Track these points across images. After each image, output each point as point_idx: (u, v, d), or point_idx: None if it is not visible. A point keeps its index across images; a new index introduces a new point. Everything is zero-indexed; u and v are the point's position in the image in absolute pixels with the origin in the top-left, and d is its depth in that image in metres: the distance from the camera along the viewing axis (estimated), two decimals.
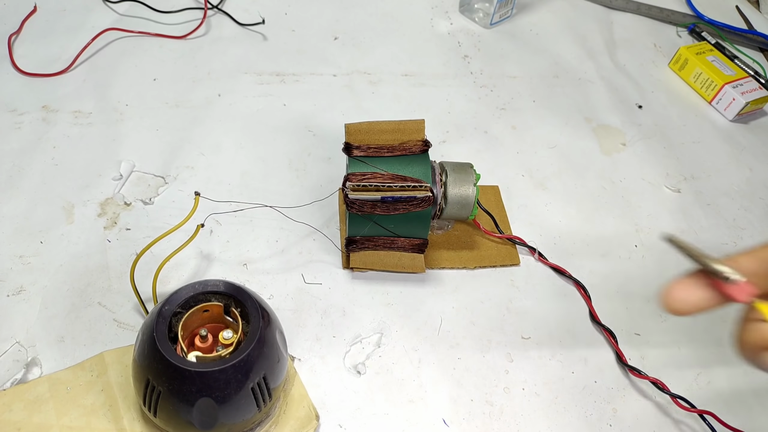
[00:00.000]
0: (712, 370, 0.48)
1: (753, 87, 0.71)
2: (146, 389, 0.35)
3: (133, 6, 0.72)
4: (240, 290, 0.38)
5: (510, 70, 0.73)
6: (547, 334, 0.49)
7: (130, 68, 0.65)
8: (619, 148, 0.65)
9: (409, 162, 0.46)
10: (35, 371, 0.42)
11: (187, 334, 0.38)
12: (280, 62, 0.68)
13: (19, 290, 0.46)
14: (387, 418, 0.43)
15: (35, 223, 0.50)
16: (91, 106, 0.60)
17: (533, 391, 0.45)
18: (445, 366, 0.46)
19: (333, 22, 0.75)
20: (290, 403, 0.42)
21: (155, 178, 0.55)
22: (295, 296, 0.48)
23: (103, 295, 0.46)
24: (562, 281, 0.52)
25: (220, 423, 0.35)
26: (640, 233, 0.57)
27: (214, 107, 0.62)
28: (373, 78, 0.69)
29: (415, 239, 0.49)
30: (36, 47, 0.66)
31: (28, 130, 0.57)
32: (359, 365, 0.45)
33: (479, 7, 0.77)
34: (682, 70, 0.76)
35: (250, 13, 0.74)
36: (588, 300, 0.51)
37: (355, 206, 0.45)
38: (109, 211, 0.52)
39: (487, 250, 0.53)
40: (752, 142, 0.69)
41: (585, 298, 0.51)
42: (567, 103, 0.70)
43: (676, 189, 0.62)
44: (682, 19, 0.85)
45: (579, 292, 0.51)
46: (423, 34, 0.76)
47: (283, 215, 0.52)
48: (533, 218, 0.57)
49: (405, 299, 0.49)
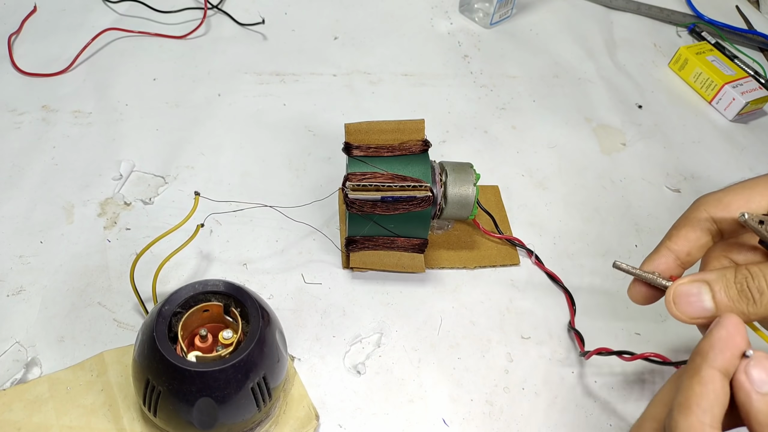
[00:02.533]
0: None
1: (753, 87, 0.71)
2: (146, 389, 0.35)
3: (133, 6, 0.72)
4: (240, 290, 0.38)
5: (510, 70, 0.73)
6: (547, 334, 0.49)
7: (130, 68, 0.65)
8: (619, 148, 0.65)
9: (409, 162, 0.46)
10: (35, 371, 0.42)
11: (187, 334, 0.38)
12: (280, 62, 0.68)
13: (19, 290, 0.46)
14: (387, 418, 0.43)
15: (35, 223, 0.50)
16: (91, 106, 0.60)
17: (533, 391, 0.45)
18: (445, 366, 0.46)
19: (333, 22, 0.75)
20: (290, 403, 0.42)
21: (155, 178, 0.55)
22: (295, 296, 0.48)
23: (103, 295, 0.46)
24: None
25: (220, 423, 0.35)
26: (640, 233, 0.57)
27: (214, 107, 0.62)
28: (373, 78, 0.69)
29: (415, 239, 0.49)
30: (36, 47, 0.66)
31: (28, 130, 0.57)
32: (359, 365, 0.45)
33: (479, 7, 0.77)
34: (682, 70, 0.76)
35: (250, 13, 0.74)
36: (572, 310, 0.50)
37: (355, 206, 0.45)
38: (109, 211, 0.52)
39: (487, 250, 0.53)
40: (752, 141, 0.69)
41: (569, 306, 0.50)
42: (567, 103, 0.70)
43: (676, 189, 0.62)
44: (682, 19, 0.85)
45: (566, 300, 0.51)
46: (423, 34, 0.76)
47: (283, 215, 0.52)
48: (533, 218, 0.57)
49: (405, 299, 0.49)
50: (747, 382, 0.27)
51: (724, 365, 0.28)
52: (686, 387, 0.28)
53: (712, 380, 0.27)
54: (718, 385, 0.27)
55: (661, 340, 0.50)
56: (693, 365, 0.28)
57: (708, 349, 0.28)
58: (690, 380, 0.28)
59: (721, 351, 0.28)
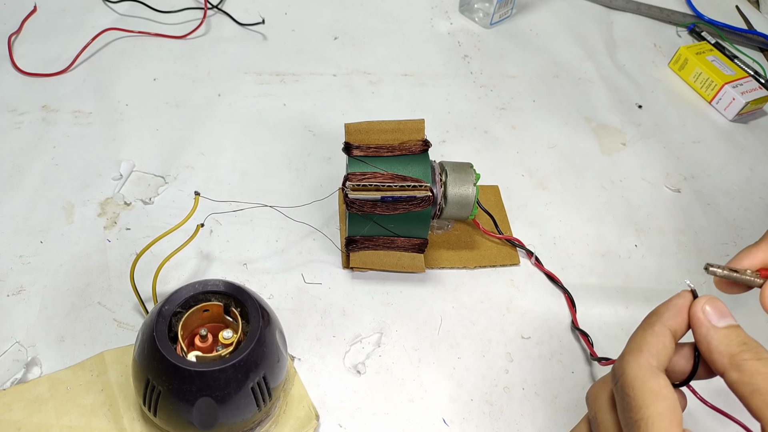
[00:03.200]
0: None
1: (753, 87, 0.71)
2: (146, 389, 0.35)
3: (133, 6, 0.72)
4: (240, 290, 0.38)
5: (510, 70, 0.73)
6: (547, 334, 0.49)
7: (130, 68, 0.65)
8: (619, 148, 0.65)
9: (409, 162, 0.46)
10: (35, 371, 0.42)
11: (187, 333, 0.38)
12: (280, 62, 0.69)
13: (19, 290, 0.46)
14: (387, 417, 0.43)
15: (35, 223, 0.50)
16: (91, 106, 0.60)
17: (533, 391, 0.45)
18: (445, 366, 0.46)
19: (333, 22, 0.75)
20: (290, 403, 0.42)
21: (155, 177, 0.55)
22: (295, 296, 0.48)
23: (103, 294, 0.46)
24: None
25: (220, 423, 0.35)
26: (640, 233, 0.57)
27: (214, 107, 0.62)
28: (373, 78, 0.69)
29: (414, 239, 0.49)
30: (36, 47, 0.66)
31: (28, 130, 0.57)
32: (359, 365, 0.45)
33: (479, 7, 0.77)
34: (681, 70, 0.76)
35: (250, 13, 0.74)
36: (572, 310, 0.50)
37: (355, 206, 0.45)
38: (109, 211, 0.52)
39: (487, 250, 0.53)
40: (752, 142, 0.69)
41: (569, 306, 0.50)
42: (567, 103, 0.70)
43: (676, 189, 0.62)
44: (682, 19, 0.85)
45: (566, 300, 0.51)
46: (423, 34, 0.76)
47: (283, 215, 0.52)
48: (533, 218, 0.57)
49: (405, 299, 0.49)
50: (704, 318, 0.30)
51: (674, 326, 0.31)
52: (639, 336, 0.31)
53: (663, 333, 0.30)
54: (668, 339, 0.30)
55: None
56: (648, 321, 0.31)
57: (664, 310, 0.31)
58: (643, 331, 0.31)
59: (674, 315, 0.31)
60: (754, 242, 0.35)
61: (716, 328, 0.30)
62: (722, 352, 0.29)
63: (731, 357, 0.28)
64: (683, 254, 0.56)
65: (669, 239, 0.57)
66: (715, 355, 0.29)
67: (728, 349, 0.29)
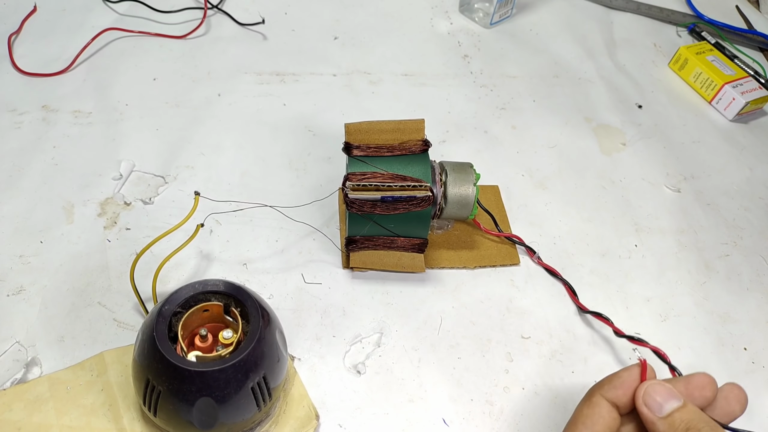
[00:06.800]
0: (710, 369, 0.48)
1: (753, 87, 0.71)
2: (146, 389, 0.35)
3: (133, 6, 0.72)
4: (240, 290, 0.38)
5: (510, 70, 0.73)
6: (547, 333, 0.49)
7: (130, 68, 0.65)
8: (619, 148, 0.65)
9: (409, 162, 0.46)
10: (35, 371, 0.42)
11: (187, 333, 0.38)
12: (280, 62, 0.69)
13: (19, 290, 0.46)
14: (387, 417, 0.43)
15: (35, 223, 0.50)
16: (91, 105, 0.60)
17: (533, 391, 0.45)
18: (445, 366, 0.46)
19: (333, 22, 0.75)
20: (290, 403, 0.42)
21: (155, 177, 0.55)
22: (295, 296, 0.48)
23: (103, 294, 0.46)
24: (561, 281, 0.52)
25: (220, 423, 0.35)
26: (640, 233, 0.57)
27: (214, 107, 0.62)
28: (373, 78, 0.69)
29: (414, 239, 0.49)
30: (36, 47, 0.66)
31: (28, 129, 0.57)
32: (359, 365, 0.45)
33: (479, 6, 0.77)
34: (682, 70, 0.76)
35: (250, 13, 0.74)
36: (575, 299, 0.51)
37: (355, 206, 0.45)
38: (109, 211, 0.52)
39: (487, 250, 0.53)
40: (752, 142, 0.69)
41: (571, 295, 0.51)
42: (567, 103, 0.70)
43: (676, 189, 0.62)
44: (682, 19, 0.85)
45: (567, 291, 0.51)
46: (423, 34, 0.76)
47: (283, 215, 0.52)
48: (533, 218, 0.57)
49: (405, 299, 0.49)
50: (648, 411, 0.31)
51: (614, 398, 0.32)
52: (577, 410, 0.32)
53: (599, 405, 0.31)
54: (604, 410, 0.31)
55: (661, 340, 0.49)
56: (588, 393, 0.32)
57: (606, 382, 0.32)
58: (582, 404, 0.32)
59: (615, 387, 0.32)
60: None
61: (660, 419, 0.30)
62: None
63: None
64: (683, 254, 0.56)
65: (669, 239, 0.57)
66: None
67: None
